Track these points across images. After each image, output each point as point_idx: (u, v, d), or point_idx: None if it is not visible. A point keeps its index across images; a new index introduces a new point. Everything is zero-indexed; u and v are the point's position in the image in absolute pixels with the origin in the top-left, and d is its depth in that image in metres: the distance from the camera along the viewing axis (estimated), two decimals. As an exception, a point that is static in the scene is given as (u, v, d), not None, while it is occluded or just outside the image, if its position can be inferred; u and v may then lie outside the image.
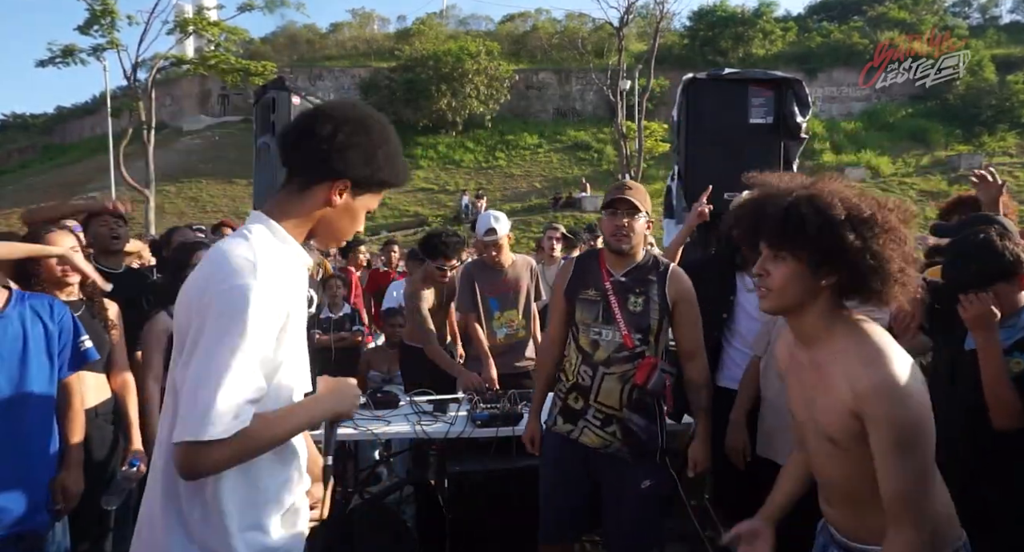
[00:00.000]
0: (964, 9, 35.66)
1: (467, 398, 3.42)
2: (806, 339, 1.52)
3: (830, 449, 1.50)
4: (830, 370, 1.46)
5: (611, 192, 2.56)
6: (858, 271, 1.39)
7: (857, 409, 1.40)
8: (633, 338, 2.45)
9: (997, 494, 1.97)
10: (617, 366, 2.46)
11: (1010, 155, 25.25)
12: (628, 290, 2.50)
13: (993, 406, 1.94)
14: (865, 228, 1.38)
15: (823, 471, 1.59)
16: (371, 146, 1.33)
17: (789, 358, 1.63)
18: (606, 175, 24.05)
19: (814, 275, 1.42)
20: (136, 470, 2.61)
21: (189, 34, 22.09)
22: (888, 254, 1.38)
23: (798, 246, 1.42)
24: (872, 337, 1.43)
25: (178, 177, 23.64)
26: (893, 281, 1.40)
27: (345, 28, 34.76)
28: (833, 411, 1.45)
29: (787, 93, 3.39)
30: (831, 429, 1.47)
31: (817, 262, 1.41)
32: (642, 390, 2.44)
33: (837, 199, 1.40)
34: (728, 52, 28.44)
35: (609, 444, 2.48)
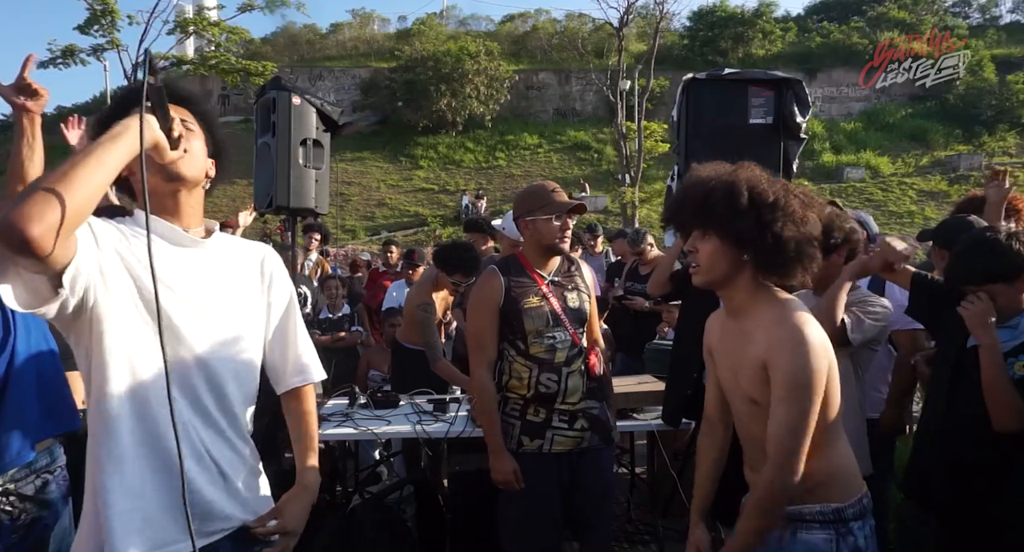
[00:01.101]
0: (964, 9, 35.63)
1: (467, 398, 3.43)
2: (735, 311, 1.70)
3: (752, 410, 1.66)
4: (754, 334, 1.62)
5: (546, 196, 2.49)
6: (762, 249, 1.57)
7: (766, 360, 1.57)
8: (579, 334, 2.53)
9: (999, 495, 1.97)
10: (575, 363, 2.50)
11: (1010, 155, 25.24)
12: (563, 288, 2.55)
13: (992, 407, 1.94)
14: (767, 211, 1.56)
15: (747, 432, 1.75)
16: None
17: (720, 331, 1.80)
18: (606, 175, 24.05)
19: (734, 251, 1.60)
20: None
21: (189, 34, 22.11)
22: (787, 235, 1.55)
23: (714, 226, 1.61)
24: (787, 304, 1.62)
25: (178, 177, 23.65)
26: (792, 259, 1.57)
27: (345, 28, 34.74)
28: (753, 369, 1.61)
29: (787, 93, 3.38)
30: (751, 389, 1.64)
31: (733, 240, 1.59)
32: (595, 378, 2.54)
33: (746, 186, 1.59)
34: (728, 52, 28.44)
35: (581, 440, 2.50)
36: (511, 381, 2.50)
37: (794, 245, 1.56)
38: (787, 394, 1.53)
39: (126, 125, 1.19)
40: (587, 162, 25.99)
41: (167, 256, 1.34)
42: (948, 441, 2.09)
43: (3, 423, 1.84)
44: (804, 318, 1.57)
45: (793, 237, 1.56)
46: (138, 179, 1.25)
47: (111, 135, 1.17)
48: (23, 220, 1.03)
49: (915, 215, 21.11)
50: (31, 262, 1.09)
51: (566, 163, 25.90)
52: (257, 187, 3.58)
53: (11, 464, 1.86)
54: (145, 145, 1.19)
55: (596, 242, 7.08)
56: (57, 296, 1.16)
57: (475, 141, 26.58)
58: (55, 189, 1.07)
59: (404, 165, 24.98)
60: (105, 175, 1.14)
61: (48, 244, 1.05)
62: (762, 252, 1.57)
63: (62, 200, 1.06)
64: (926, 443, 2.23)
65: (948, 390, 2.13)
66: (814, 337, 1.54)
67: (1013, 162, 24.14)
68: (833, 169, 24.09)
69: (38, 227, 1.04)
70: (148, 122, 1.21)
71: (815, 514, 1.60)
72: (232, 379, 1.41)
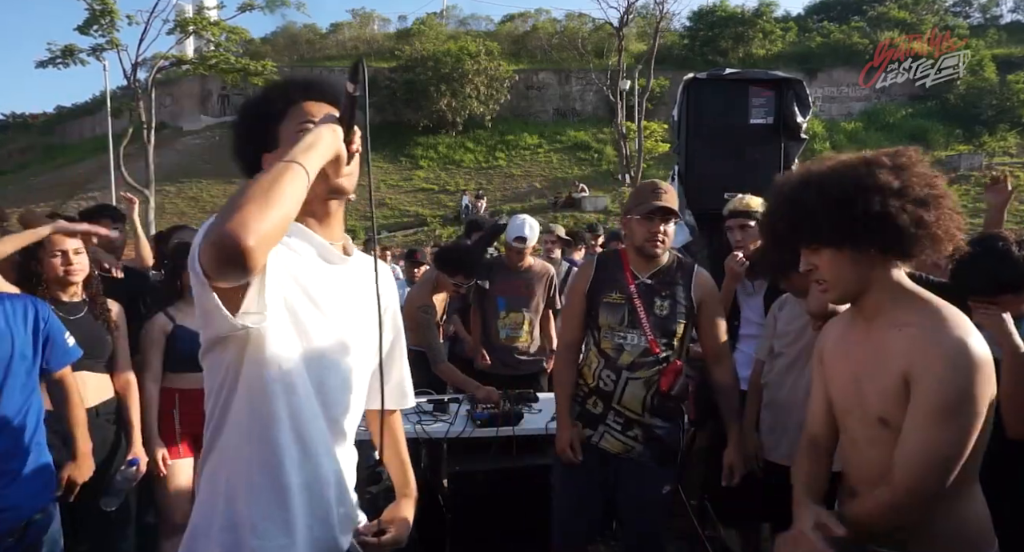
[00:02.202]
0: (965, 9, 35.63)
1: (467, 398, 3.43)
2: (870, 314, 1.45)
3: (877, 434, 1.41)
4: (889, 340, 1.38)
5: (646, 195, 2.44)
6: (886, 239, 1.34)
7: (910, 371, 1.32)
8: (659, 343, 2.41)
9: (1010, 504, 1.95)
10: (642, 371, 2.42)
11: (1010, 155, 25.23)
12: (654, 293, 2.44)
13: (1012, 414, 1.88)
14: (869, 201, 1.32)
15: (862, 457, 1.49)
16: None
17: (839, 340, 1.55)
18: (606, 175, 24.04)
19: (855, 253, 1.38)
20: (135, 470, 2.61)
21: (189, 34, 22.07)
22: (905, 217, 1.31)
23: (822, 238, 1.39)
24: (943, 309, 1.36)
25: (178, 177, 23.64)
26: (927, 235, 1.33)
27: (345, 28, 34.74)
28: (887, 381, 1.37)
29: (787, 93, 3.39)
30: (882, 407, 1.39)
31: (849, 243, 1.37)
32: (665, 396, 2.41)
33: (831, 183, 1.37)
34: (728, 52, 28.42)
35: (631, 449, 2.44)
36: (584, 368, 2.57)
37: (935, 216, 1.32)
38: (935, 411, 1.28)
39: (320, 134, 1.14)
40: (587, 162, 25.97)
41: (318, 273, 1.28)
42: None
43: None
44: (966, 328, 1.32)
45: (928, 210, 1.32)
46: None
47: (307, 145, 1.11)
48: (240, 229, 0.97)
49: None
50: (236, 276, 1.03)
51: (566, 163, 25.89)
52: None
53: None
54: (330, 156, 1.15)
55: (596, 242, 7.07)
56: (244, 314, 1.10)
57: (475, 141, 26.57)
58: (264, 200, 1.01)
59: (404, 165, 24.97)
60: (304, 188, 1.08)
61: (260, 257, 1.00)
62: (888, 242, 1.34)
63: (271, 212, 1.01)
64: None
65: None
66: (978, 352, 1.29)
67: (1013, 162, 24.12)
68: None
69: (254, 238, 0.97)
70: (336, 133, 1.17)
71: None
72: (355, 405, 1.38)
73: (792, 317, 2.57)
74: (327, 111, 1.28)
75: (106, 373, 2.63)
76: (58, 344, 2.18)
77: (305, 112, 1.30)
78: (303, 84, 1.34)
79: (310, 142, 1.12)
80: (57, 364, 2.19)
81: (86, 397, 2.51)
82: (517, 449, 3.08)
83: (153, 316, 2.83)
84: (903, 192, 1.32)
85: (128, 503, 2.62)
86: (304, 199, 1.08)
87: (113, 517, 2.57)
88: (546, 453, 2.90)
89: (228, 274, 1.03)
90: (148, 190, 19.20)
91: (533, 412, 3.35)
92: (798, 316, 2.53)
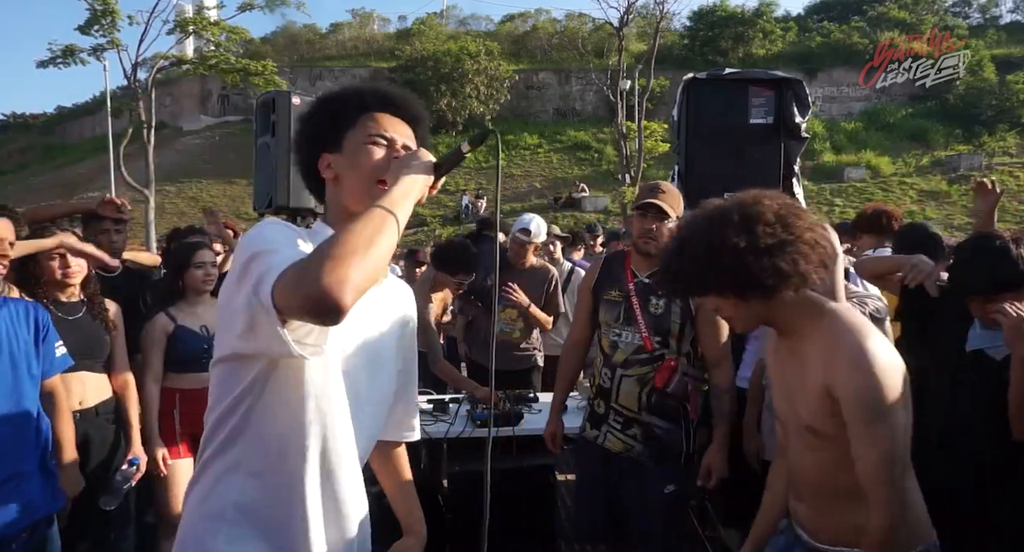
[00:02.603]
0: (964, 9, 35.62)
1: (467, 397, 3.43)
2: (785, 332, 1.57)
3: (808, 440, 1.52)
4: (807, 354, 1.49)
5: (644, 194, 2.51)
6: (775, 284, 1.41)
7: (829, 383, 1.42)
8: (653, 341, 2.43)
9: (1009, 502, 1.95)
10: (635, 368, 2.45)
11: (1010, 155, 25.22)
12: (651, 291, 2.47)
13: (1015, 417, 1.88)
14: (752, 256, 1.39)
15: (799, 464, 1.61)
16: None
17: (774, 353, 1.66)
18: (606, 175, 24.03)
19: (752, 299, 1.46)
20: (135, 469, 2.61)
21: (189, 34, 22.06)
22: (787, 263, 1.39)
23: (714, 291, 1.50)
24: (843, 316, 1.48)
25: (178, 177, 23.62)
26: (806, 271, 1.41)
27: (345, 28, 34.73)
28: (810, 394, 1.47)
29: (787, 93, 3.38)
30: (809, 416, 1.49)
31: (742, 294, 1.45)
32: (662, 393, 2.42)
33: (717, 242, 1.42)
34: (728, 52, 28.41)
35: (631, 448, 2.46)
36: (594, 368, 2.62)
37: (790, 263, 1.40)
38: (867, 416, 1.37)
39: (416, 183, 1.14)
40: (587, 162, 25.97)
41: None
42: (951, 444, 2.08)
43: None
44: (864, 334, 1.42)
45: (782, 258, 1.39)
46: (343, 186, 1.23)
47: (404, 193, 1.10)
48: (341, 287, 0.93)
49: (915, 215, 21.07)
50: (321, 324, 1.00)
51: (566, 163, 25.88)
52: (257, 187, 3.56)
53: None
54: (416, 200, 1.14)
55: (596, 242, 7.07)
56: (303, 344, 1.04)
57: (475, 141, 26.57)
58: (365, 255, 0.97)
59: (404, 165, 24.98)
60: (396, 240, 1.06)
61: (348, 312, 0.95)
62: (765, 288, 1.42)
63: (369, 266, 0.97)
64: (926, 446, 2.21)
65: (948, 394, 2.11)
66: (881, 354, 1.39)
67: (1013, 162, 24.13)
68: (834, 169, 24.06)
69: (352, 296, 0.94)
70: (427, 182, 1.17)
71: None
72: (377, 430, 1.35)
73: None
74: (401, 128, 1.28)
75: (104, 373, 2.63)
76: (50, 352, 2.19)
77: (378, 124, 1.26)
78: (382, 96, 1.30)
79: (406, 191, 1.11)
80: (46, 373, 2.19)
81: (85, 397, 2.51)
82: (517, 449, 3.08)
83: (155, 316, 2.83)
84: (752, 249, 1.39)
85: (128, 503, 2.62)
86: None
87: (113, 517, 2.57)
88: (547, 453, 2.90)
89: (313, 322, 1.00)
90: (148, 190, 19.18)
91: (533, 412, 3.35)
92: None
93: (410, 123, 1.30)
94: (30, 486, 2.00)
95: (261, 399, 1.14)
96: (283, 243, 1.07)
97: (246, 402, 1.14)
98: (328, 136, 1.27)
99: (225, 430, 1.16)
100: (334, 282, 0.92)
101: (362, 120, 1.26)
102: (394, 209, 1.06)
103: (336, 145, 1.26)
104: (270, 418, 1.15)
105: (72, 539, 2.33)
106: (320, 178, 1.28)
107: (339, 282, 0.93)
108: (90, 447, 2.52)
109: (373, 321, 1.29)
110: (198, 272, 2.85)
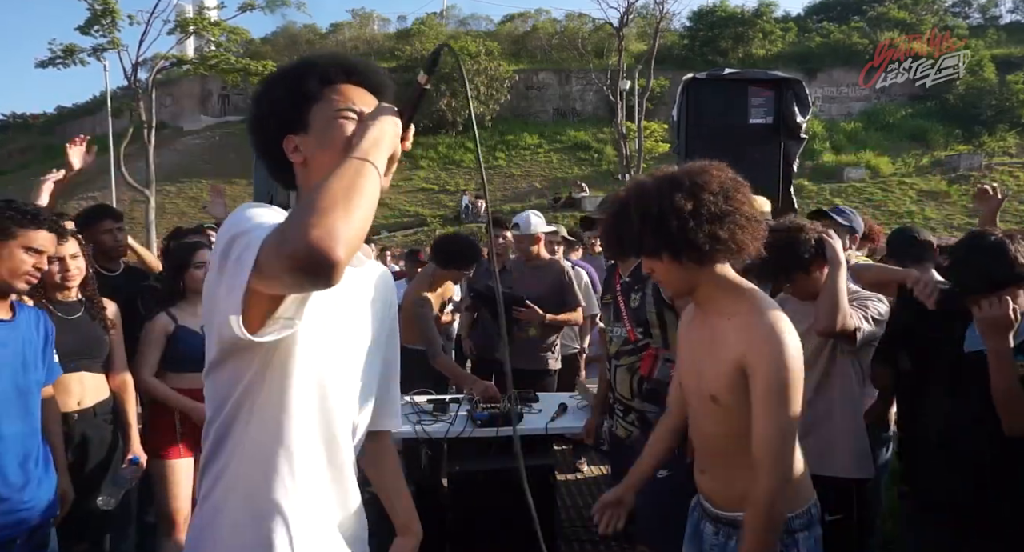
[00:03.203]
0: (964, 9, 35.63)
1: (467, 397, 3.43)
2: (703, 305, 1.66)
3: (710, 408, 1.62)
4: (723, 328, 1.58)
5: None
6: (700, 250, 1.50)
7: (743, 359, 1.51)
8: (636, 332, 2.61)
9: (1009, 502, 1.95)
10: (625, 359, 2.63)
11: (1010, 155, 25.22)
12: (630, 288, 2.67)
13: (1004, 412, 1.90)
14: (677, 219, 1.48)
15: (701, 432, 1.71)
16: None
17: (687, 326, 1.77)
18: (606, 175, 24.04)
19: (679, 263, 1.54)
20: (136, 468, 2.61)
21: (190, 34, 22.07)
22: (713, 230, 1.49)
23: (645, 251, 1.58)
24: (761, 297, 1.59)
25: (178, 177, 23.63)
26: (734, 243, 1.51)
27: (345, 28, 34.73)
28: (720, 366, 1.56)
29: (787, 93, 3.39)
30: (714, 386, 1.58)
31: (671, 255, 1.53)
32: (650, 380, 2.55)
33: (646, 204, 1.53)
34: (728, 52, 28.41)
35: (631, 433, 2.61)
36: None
37: (728, 232, 1.50)
38: (773, 394, 1.48)
39: (384, 129, 1.04)
40: (587, 162, 25.97)
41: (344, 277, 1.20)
42: (951, 444, 2.08)
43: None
44: (778, 317, 1.54)
45: (721, 226, 1.49)
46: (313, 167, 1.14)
47: (373, 140, 1.01)
48: (329, 241, 0.84)
49: (915, 215, 21.09)
50: (313, 289, 0.94)
51: (566, 163, 25.88)
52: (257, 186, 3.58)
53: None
54: (390, 153, 1.06)
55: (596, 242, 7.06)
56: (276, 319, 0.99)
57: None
58: (346, 205, 0.89)
59: (404, 165, 24.75)
60: (378, 189, 0.97)
61: (343, 271, 0.88)
62: (702, 252, 1.51)
63: (355, 217, 0.89)
64: (926, 447, 2.21)
65: (947, 394, 2.11)
66: (791, 338, 1.52)
67: (1013, 162, 24.13)
68: (833, 169, 24.06)
69: (344, 249, 0.86)
70: (397, 128, 1.07)
71: None
72: (368, 414, 1.31)
73: (792, 317, 2.58)
74: (367, 98, 1.18)
75: (102, 373, 2.63)
76: (50, 359, 2.20)
77: (344, 97, 1.16)
78: (345, 65, 1.20)
79: (376, 137, 1.02)
80: (48, 380, 2.20)
81: (83, 397, 2.51)
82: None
83: (156, 316, 2.83)
84: (696, 213, 1.48)
85: (128, 503, 2.62)
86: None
87: (113, 517, 2.57)
88: (547, 453, 2.91)
89: (304, 287, 0.93)
90: (148, 190, 19.20)
91: (533, 412, 3.35)
92: (798, 317, 2.54)
93: (375, 93, 1.21)
94: (33, 489, 2.00)
95: (259, 395, 1.10)
96: (264, 219, 0.99)
97: (248, 399, 1.10)
98: (291, 115, 1.16)
99: (225, 429, 1.12)
100: (321, 235, 0.84)
101: (326, 94, 1.16)
102: (368, 157, 0.97)
103: (301, 125, 1.16)
104: (272, 410, 1.10)
105: (71, 539, 2.33)
106: (286, 162, 1.18)
107: (327, 234, 0.85)
108: (88, 447, 2.52)
109: (356, 306, 1.24)
110: (198, 272, 2.84)
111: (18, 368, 1.99)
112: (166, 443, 2.77)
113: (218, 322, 1.00)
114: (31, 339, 2.08)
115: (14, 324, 2.03)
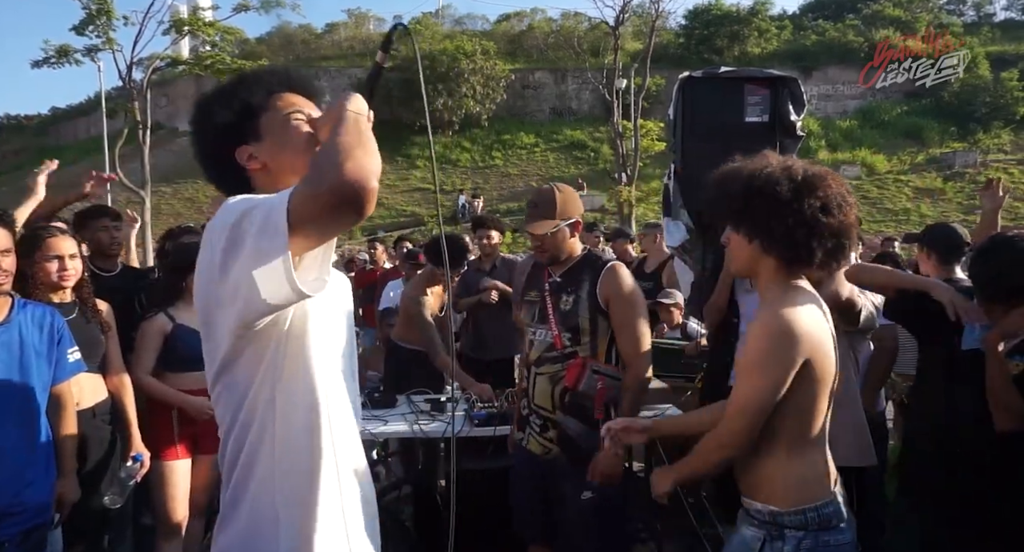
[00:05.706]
0: (959, 7, 35.72)
1: (465, 397, 3.43)
2: (760, 294, 1.67)
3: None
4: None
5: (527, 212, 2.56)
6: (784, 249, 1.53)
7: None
8: (563, 338, 2.40)
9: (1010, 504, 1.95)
10: (547, 366, 2.42)
11: (1005, 152, 25.30)
12: (562, 289, 2.46)
13: (995, 409, 1.92)
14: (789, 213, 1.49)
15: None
16: None
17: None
18: (603, 174, 24.05)
19: (756, 249, 1.57)
20: (139, 466, 2.61)
21: (185, 35, 22.00)
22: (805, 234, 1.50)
23: (744, 226, 1.59)
24: (790, 293, 1.58)
25: (174, 178, 23.57)
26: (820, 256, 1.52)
27: (341, 28, 34.65)
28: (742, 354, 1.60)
29: (783, 91, 3.39)
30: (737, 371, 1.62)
31: (760, 240, 1.56)
32: (574, 393, 2.35)
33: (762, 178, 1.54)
34: (724, 50, 28.43)
35: (549, 451, 2.43)
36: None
37: (823, 249, 1.51)
38: (747, 368, 1.52)
39: (353, 98, 1.12)
40: (583, 161, 25.98)
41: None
42: (950, 440, 2.08)
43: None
44: (793, 305, 1.52)
45: (819, 233, 1.50)
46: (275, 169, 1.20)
47: (353, 104, 1.10)
48: (363, 172, 0.95)
49: (911, 212, 21.15)
50: (350, 223, 1.02)
51: (562, 162, 25.89)
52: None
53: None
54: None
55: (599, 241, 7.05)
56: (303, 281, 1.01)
57: (471, 140, 26.55)
58: (364, 144, 1.00)
59: (400, 165, 24.92)
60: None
61: (375, 201, 0.98)
62: (784, 251, 1.54)
63: (373, 154, 1.00)
64: (925, 442, 2.22)
65: (945, 390, 2.12)
66: (790, 323, 1.49)
67: (1007, 159, 24.21)
68: (829, 167, 24.13)
69: (375, 179, 0.97)
70: (362, 99, 1.14)
71: (755, 511, 1.61)
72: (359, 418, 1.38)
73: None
74: (305, 102, 1.27)
75: (99, 374, 2.62)
76: (63, 357, 2.19)
77: (289, 102, 1.25)
78: (283, 74, 1.30)
79: (354, 104, 1.10)
80: (58, 378, 2.19)
81: (81, 398, 2.50)
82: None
83: (154, 316, 2.82)
84: (813, 218, 1.50)
85: (126, 504, 2.62)
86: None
87: (111, 519, 2.57)
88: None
89: (342, 222, 1.01)
90: (144, 191, 19.14)
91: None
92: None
93: (311, 98, 1.30)
94: (30, 491, 1.99)
95: (273, 388, 1.12)
96: (258, 198, 1.05)
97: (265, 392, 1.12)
98: (243, 127, 1.23)
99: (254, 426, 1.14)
100: (354, 167, 0.95)
101: (272, 102, 1.25)
102: (359, 112, 1.08)
103: (254, 134, 1.23)
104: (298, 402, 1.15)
105: (69, 540, 2.32)
106: (233, 171, 1.24)
107: (358, 167, 0.95)
108: (87, 448, 2.51)
109: (340, 308, 1.33)
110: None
111: (14, 371, 1.98)
112: (164, 444, 2.76)
113: (243, 302, 1.01)
114: (31, 340, 2.06)
115: (6, 327, 2.02)
